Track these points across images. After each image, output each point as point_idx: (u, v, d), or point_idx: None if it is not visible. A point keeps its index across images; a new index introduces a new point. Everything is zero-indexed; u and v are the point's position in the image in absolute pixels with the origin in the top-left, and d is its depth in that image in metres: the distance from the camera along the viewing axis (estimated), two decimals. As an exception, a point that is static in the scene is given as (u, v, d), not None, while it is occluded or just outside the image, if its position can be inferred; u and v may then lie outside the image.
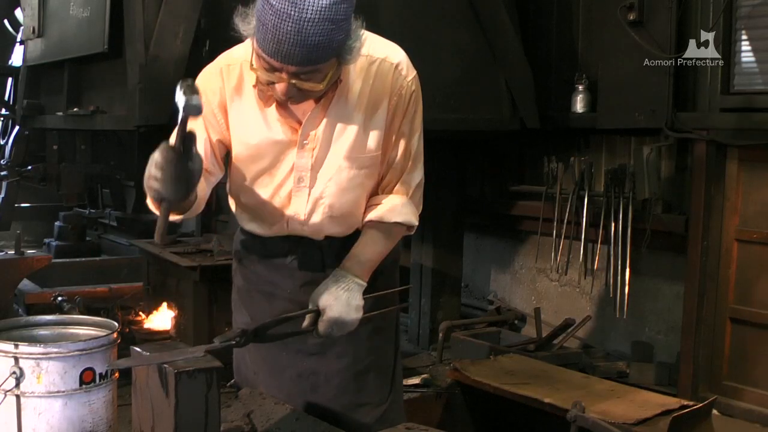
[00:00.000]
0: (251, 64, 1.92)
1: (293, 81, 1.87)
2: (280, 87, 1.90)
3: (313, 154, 2.10)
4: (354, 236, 2.22)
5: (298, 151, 2.11)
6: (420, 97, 2.16)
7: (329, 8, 1.77)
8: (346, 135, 2.09)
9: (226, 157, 2.21)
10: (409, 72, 2.12)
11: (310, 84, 1.88)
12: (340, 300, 2.05)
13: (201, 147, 2.11)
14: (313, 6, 1.76)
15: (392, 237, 2.21)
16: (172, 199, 1.82)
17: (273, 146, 2.12)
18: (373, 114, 2.09)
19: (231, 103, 2.13)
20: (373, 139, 2.11)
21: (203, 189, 2.12)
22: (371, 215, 2.18)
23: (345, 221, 2.20)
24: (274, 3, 1.78)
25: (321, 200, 2.15)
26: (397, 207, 2.17)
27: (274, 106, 2.08)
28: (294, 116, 2.10)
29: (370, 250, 2.16)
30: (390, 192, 2.20)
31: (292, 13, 1.76)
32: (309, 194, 2.14)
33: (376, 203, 2.19)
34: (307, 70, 1.85)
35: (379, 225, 2.17)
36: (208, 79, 2.14)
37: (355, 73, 2.06)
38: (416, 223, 2.21)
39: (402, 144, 2.15)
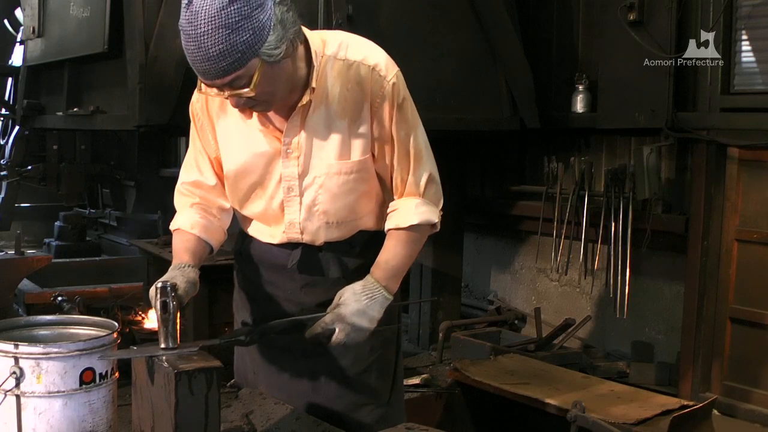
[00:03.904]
0: (199, 87, 1.96)
1: (230, 92, 1.89)
2: (231, 102, 1.95)
3: (298, 162, 2.10)
4: (354, 237, 2.22)
5: (283, 160, 2.11)
6: (406, 93, 2.12)
7: (218, 15, 1.78)
8: (329, 141, 2.08)
9: None
10: (388, 71, 2.07)
11: (241, 90, 1.88)
12: (360, 303, 2.05)
13: (208, 166, 2.24)
14: (204, 19, 1.78)
15: (415, 240, 2.17)
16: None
17: (260, 159, 2.13)
18: (356, 118, 2.07)
19: (217, 120, 2.17)
20: (359, 143, 2.09)
21: (216, 230, 2.26)
22: (388, 224, 2.17)
23: (343, 227, 2.19)
24: (181, 26, 1.83)
25: (315, 208, 2.14)
26: (411, 210, 2.14)
27: (256, 118, 2.10)
28: (275, 126, 2.11)
29: (393, 256, 2.13)
30: (402, 194, 2.18)
31: (191, 31, 1.80)
32: (300, 203, 2.14)
33: (392, 210, 2.17)
34: (228, 80, 1.85)
35: (398, 232, 2.15)
36: (197, 99, 2.20)
37: (334, 78, 2.05)
38: (436, 220, 2.18)
39: (399, 145, 2.12)
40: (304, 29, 2.02)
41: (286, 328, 2.07)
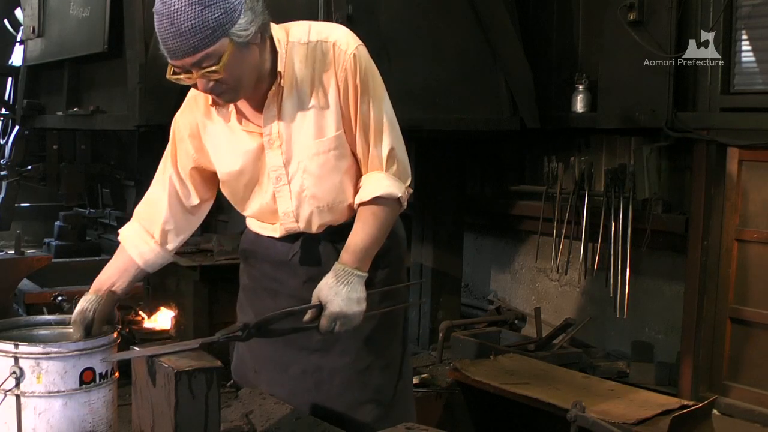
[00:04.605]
0: (168, 72, 1.99)
1: (199, 73, 1.92)
2: (199, 85, 1.98)
3: (281, 150, 2.14)
4: (350, 225, 2.22)
5: (267, 151, 2.15)
6: (369, 66, 2.13)
7: None
8: (305, 124, 2.12)
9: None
10: (349, 45, 2.10)
11: (210, 70, 1.91)
12: (340, 295, 2.06)
13: (165, 184, 2.30)
14: None
15: (380, 216, 2.15)
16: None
17: (247, 157, 2.17)
18: (325, 95, 2.11)
19: (203, 129, 2.22)
20: (331, 120, 2.12)
21: (184, 227, 2.32)
22: (356, 201, 2.18)
23: (333, 209, 2.21)
24: (155, 10, 1.89)
25: (303, 193, 2.17)
26: (373, 184, 2.15)
27: (235, 118, 2.15)
28: (254, 123, 2.15)
29: (360, 237, 2.13)
30: (366, 170, 2.19)
31: (164, 9, 1.87)
32: (290, 191, 2.18)
33: (359, 186, 2.19)
34: (199, 58, 1.89)
35: (363, 209, 2.16)
36: (181, 113, 2.28)
37: (300, 62, 2.10)
38: (398, 195, 2.15)
39: (360, 118, 2.13)
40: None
41: (280, 319, 2.08)
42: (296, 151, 2.14)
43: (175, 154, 2.29)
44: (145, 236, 2.28)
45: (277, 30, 2.10)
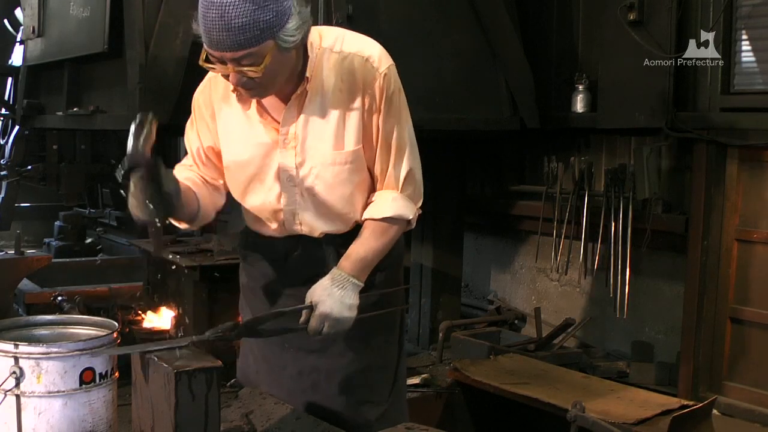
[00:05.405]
0: (202, 59, 1.97)
1: (236, 68, 1.92)
2: (231, 78, 1.97)
3: (296, 152, 2.13)
4: (354, 232, 2.22)
5: (281, 150, 2.14)
6: (398, 87, 2.15)
7: None
8: (325, 131, 2.11)
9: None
10: (381, 63, 2.11)
11: (249, 69, 1.91)
12: (333, 296, 2.07)
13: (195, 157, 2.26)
14: None
15: (388, 233, 2.18)
16: (151, 221, 1.93)
17: (258, 149, 2.16)
18: (349, 109, 2.11)
19: (219, 111, 2.21)
20: (351, 133, 2.12)
21: (208, 198, 2.23)
22: (364, 214, 2.20)
23: (339, 218, 2.21)
24: None
25: (312, 198, 2.17)
26: (386, 203, 2.17)
27: (254, 108, 2.14)
28: (273, 117, 2.14)
29: (364, 249, 2.15)
30: (381, 187, 2.20)
31: (216, 0, 1.84)
32: (298, 193, 2.17)
33: (371, 201, 2.20)
34: (241, 55, 1.88)
35: (372, 223, 2.18)
36: (200, 91, 2.25)
37: (329, 69, 2.09)
38: (410, 217, 2.19)
39: (383, 137, 2.14)
40: None
41: (271, 319, 2.09)
42: (311, 156, 2.13)
43: (196, 129, 2.28)
44: (203, 180, 2.28)
45: (310, 32, 2.09)
